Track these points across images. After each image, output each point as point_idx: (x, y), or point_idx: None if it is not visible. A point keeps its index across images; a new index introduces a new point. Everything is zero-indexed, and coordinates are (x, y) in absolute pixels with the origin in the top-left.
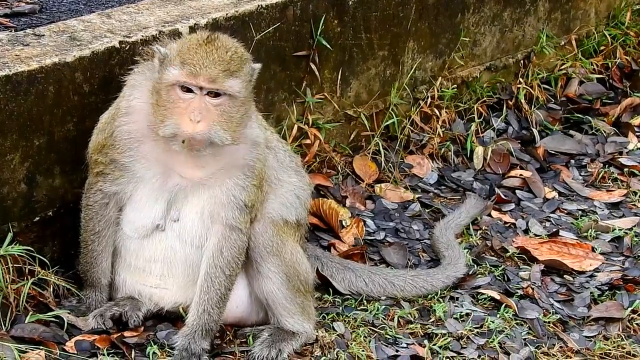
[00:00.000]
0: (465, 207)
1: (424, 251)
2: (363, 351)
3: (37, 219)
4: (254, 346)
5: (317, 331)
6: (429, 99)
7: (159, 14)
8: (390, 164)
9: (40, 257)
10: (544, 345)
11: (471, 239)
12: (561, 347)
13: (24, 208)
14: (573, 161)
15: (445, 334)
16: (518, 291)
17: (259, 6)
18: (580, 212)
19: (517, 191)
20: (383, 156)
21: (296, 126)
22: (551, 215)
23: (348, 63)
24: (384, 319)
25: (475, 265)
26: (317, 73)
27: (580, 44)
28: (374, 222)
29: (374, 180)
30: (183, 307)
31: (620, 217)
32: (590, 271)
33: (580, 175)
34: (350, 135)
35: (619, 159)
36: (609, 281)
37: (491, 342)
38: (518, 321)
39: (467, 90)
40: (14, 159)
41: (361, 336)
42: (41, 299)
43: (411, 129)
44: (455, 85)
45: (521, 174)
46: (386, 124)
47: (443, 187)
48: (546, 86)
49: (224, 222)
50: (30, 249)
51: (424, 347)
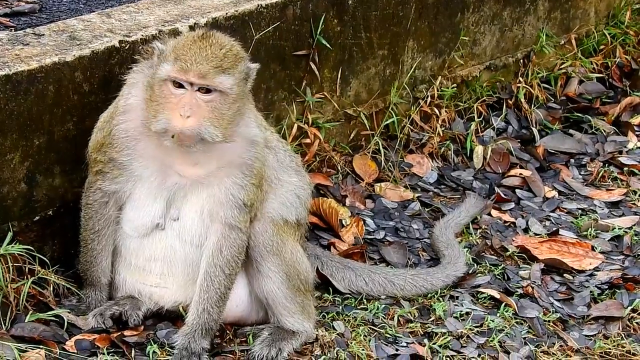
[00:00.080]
0: (465, 206)
1: (423, 250)
2: (363, 350)
3: (37, 218)
4: (254, 345)
5: (317, 330)
6: (429, 98)
7: (158, 13)
8: (390, 163)
9: (40, 256)
10: (544, 344)
11: (471, 238)
12: (561, 346)
13: (24, 207)
14: (573, 160)
15: (445, 333)
16: (518, 290)
17: (258, 5)
18: (580, 211)
19: (517, 190)
20: (383, 155)
21: (296, 125)
22: (551, 214)
23: (348, 62)
24: (384, 318)
25: (475, 264)
26: (316, 72)
27: (580, 43)
28: (373, 221)
29: (374, 179)
30: (183, 306)
31: (620, 216)
32: (590, 270)
33: (580, 174)
34: (350, 135)
35: (619, 158)
36: (609, 280)
37: (491, 341)
38: (518, 320)
39: (467, 89)
40: (14, 158)
41: (361, 335)
42: (41, 298)
43: (411, 128)
44: (455, 85)
45: (521, 173)
46: (386, 123)
47: (443, 186)
48: (546, 85)
49: (223, 221)
50: (30, 248)
51: (423, 346)
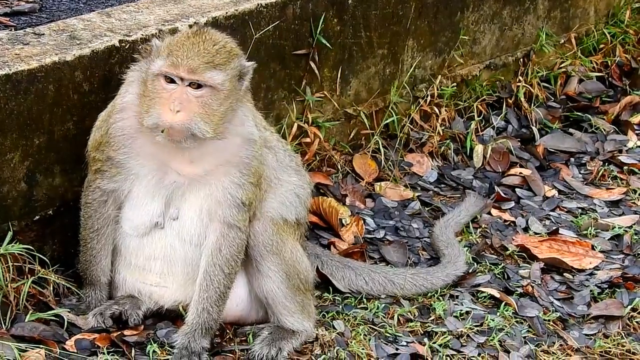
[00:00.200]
0: (465, 206)
1: (423, 249)
2: (363, 349)
3: (37, 217)
4: (253, 344)
5: (317, 329)
6: (429, 97)
7: (158, 12)
8: (390, 163)
9: (40, 255)
10: (543, 343)
11: (471, 237)
12: (561, 345)
13: (24, 207)
14: (573, 159)
15: (445, 332)
16: (518, 289)
17: (258, 5)
18: (580, 210)
19: (516, 189)
20: (383, 154)
21: (296, 125)
22: (551, 213)
23: (348, 61)
24: (384, 317)
25: (475, 264)
26: (316, 71)
27: (580, 42)
28: (373, 220)
29: (374, 178)
30: (183, 305)
31: (620, 215)
32: (590, 269)
33: (580, 173)
34: (350, 134)
35: (619, 157)
36: (609, 279)
37: (491, 340)
38: (518, 319)
39: (467, 88)
40: (14, 157)
41: (361, 334)
42: (41, 298)
43: (411, 127)
44: (455, 84)
45: (521, 172)
46: (386, 122)
47: (443, 186)
48: (546, 84)
49: (222, 220)
50: (30, 247)
51: (423, 345)
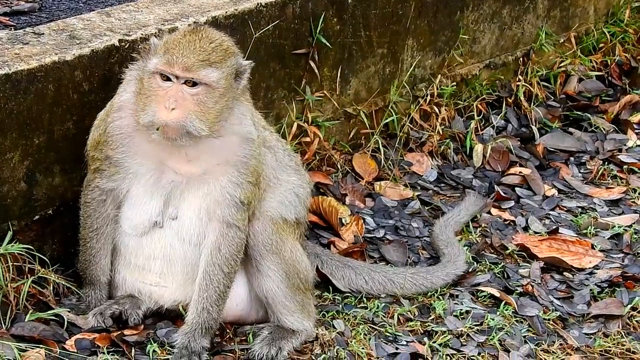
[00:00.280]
0: (464, 205)
1: (423, 249)
2: (363, 349)
3: (37, 217)
4: (253, 344)
5: (317, 329)
6: (429, 96)
7: (158, 12)
8: (389, 162)
9: (40, 255)
10: (543, 342)
11: (471, 236)
12: (561, 344)
13: (24, 206)
14: (572, 158)
15: (445, 331)
16: (518, 288)
17: (258, 4)
18: (579, 209)
19: (516, 189)
20: (382, 154)
21: (296, 124)
22: (551, 212)
23: (347, 61)
24: (384, 316)
25: (475, 263)
26: (316, 71)
27: (580, 42)
28: (373, 219)
29: (374, 178)
30: (183, 305)
31: (620, 214)
32: (589, 268)
33: (580, 172)
34: (350, 133)
35: (619, 156)
36: (609, 278)
37: (491, 339)
38: (518, 318)
39: (467, 87)
40: (13, 157)
41: (361, 334)
42: (41, 298)
43: (411, 126)
44: (455, 83)
45: (521, 172)
46: (386, 121)
47: (442, 185)
48: (545, 84)
49: (221, 220)
50: (30, 247)
51: (423, 344)
